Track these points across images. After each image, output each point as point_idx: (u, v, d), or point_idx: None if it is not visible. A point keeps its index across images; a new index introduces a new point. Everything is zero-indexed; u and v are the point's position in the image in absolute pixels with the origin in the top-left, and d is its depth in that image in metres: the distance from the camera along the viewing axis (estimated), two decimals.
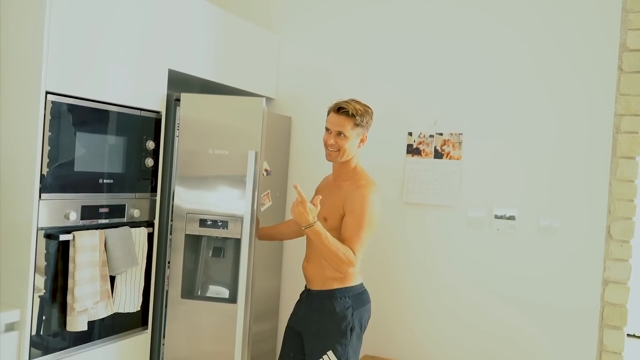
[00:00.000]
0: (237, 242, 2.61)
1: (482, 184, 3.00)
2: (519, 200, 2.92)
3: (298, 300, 2.45)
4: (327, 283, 2.29)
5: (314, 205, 2.16)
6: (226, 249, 2.70)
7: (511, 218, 2.93)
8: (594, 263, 2.75)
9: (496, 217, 2.96)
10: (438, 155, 3.08)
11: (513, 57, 2.94)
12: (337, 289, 2.27)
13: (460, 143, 3.03)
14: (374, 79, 3.25)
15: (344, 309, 2.25)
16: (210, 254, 2.70)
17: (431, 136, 3.09)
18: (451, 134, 3.05)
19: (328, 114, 2.35)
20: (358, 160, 2.39)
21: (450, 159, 3.05)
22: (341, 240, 2.22)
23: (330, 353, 2.22)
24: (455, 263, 3.05)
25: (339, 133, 2.27)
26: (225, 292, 2.68)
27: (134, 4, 2.44)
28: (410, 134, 3.15)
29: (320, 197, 2.21)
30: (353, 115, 2.26)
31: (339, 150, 2.29)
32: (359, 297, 2.31)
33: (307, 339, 2.32)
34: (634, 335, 5.13)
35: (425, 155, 3.10)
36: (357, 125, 2.28)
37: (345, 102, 2.31)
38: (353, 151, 2.32)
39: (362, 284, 2.36)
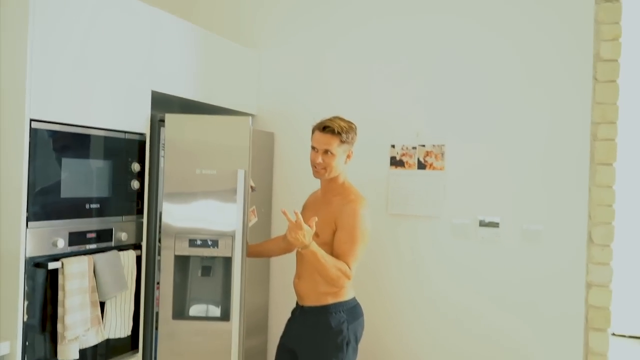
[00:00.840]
0: (226, 260, 2.62)
1: (465, 193, 3.05)
2: (502, 208, 2.97)
3: (290, 318, 2.46)
4: (321, 298, 2.31)
5: (309, 226, 2.17)
6: (215, 267, 2.70)
7: (495, 225, 2.98)
8: (577, 267, 2.82)
9: (480, 224, 3.01)
10: (421, 166, 3.12)
11: (492, 70, 3.00)
12: (331, 304, 2.30)
13: (442, 154, 3.08)
14: (354, 93, 3.28)
15: (339, 323, 2.28)
16: (199, 274, 2.69)
17: (414, 148, 3.14)
18: (433, 145, 3.10)
19: (313, 133, 2.37)
20: (346, 176, 2.42)
21: (433, 169, 3.10)
22: (335, 255, 2.25)
23: None
24: (442, 271, 3.09)
25: (326, 151, 2.30)
26: (216, 311, 2.68)
27: (115, 28, 2.43)
28: (393, 146, 3.18)
29: (316, 218, 2.22)
30: (339, 133, 2.29)
31: (326, 168, 2.32)
32: (352, 310, 2.34)
33: (302, 355, 2.32)
34: (615, 334, 5.26)
35: (409, 166, 3.15)
36: (343, 142, 2.31)
37: (330, 120, 2.34)
38: (340, 167, 2.36)
39: (354, 297, 2.38)
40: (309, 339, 2.32)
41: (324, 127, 2.31)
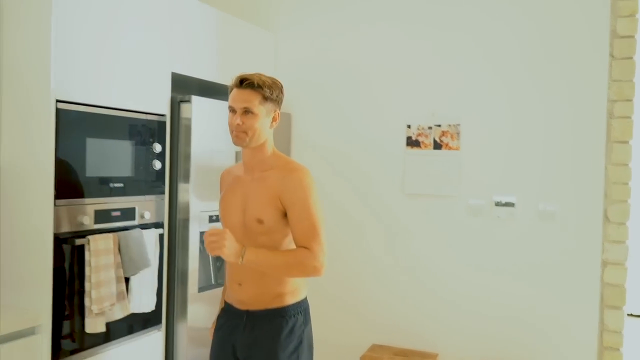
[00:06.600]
0: None
1: (481, 172, 3.07)
2: (518, 187, 2.99)
3: (228, 325, 2.03)
4: (276, 300, 1.95)
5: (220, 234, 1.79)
6: None
7: (510, 205, 3.00)
8: (592, 245, 2.84)
9: (496, 204, 3.03)
10: (437, 146, 3.14)
11: (507, 48, 3.00)
12: (289, 306, 1.97)
13: (458, 134, 3.10)
14: (371, 73, 3.30)
15: (296, 327, 1.97)
16: None
17: (430, 128, 3.16)
18: (449, 125, 3.12)
19: (230, 92, 1.97)
20: (273, 144, 2.03)
21: (449, 149, 3.12)
22: (296, 237, 1.90)
23: None
24: (458, 251, 3.12)
25: (246, 111, 1.90)
26: None
27: (135, 10, 2.48)
28: (409, 126, 3.21)
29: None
30: (259, 87, 1.89)
31: (246, 131, 1.90)
32: (307, 311, 2.04)
33: None
34: (632, 315, 5.27)
35: (425, 146, 3.17)
36: (266, 99, 1.91)
37: (249, 74, 1.95)
38: (265, 132, 1.95)
39: (306, 296, 2.07)
40: (261, 348, 1.94)
41: (242, 81, 1.91)
